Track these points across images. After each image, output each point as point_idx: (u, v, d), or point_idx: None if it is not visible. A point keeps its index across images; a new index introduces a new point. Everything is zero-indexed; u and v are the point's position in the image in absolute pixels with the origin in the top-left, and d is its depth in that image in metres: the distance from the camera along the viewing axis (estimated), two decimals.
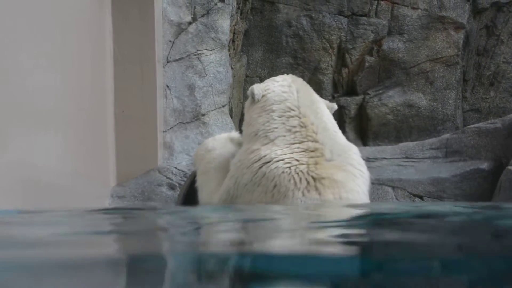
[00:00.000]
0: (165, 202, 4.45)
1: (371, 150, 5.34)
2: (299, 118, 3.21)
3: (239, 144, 3.56)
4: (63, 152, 3.80)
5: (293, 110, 3.25)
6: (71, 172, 3.88)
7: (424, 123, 6.43)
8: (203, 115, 5.05)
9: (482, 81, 6.65)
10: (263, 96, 3.33)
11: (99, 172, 4.46)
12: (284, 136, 3.17)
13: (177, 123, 4.98)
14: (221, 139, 3.75)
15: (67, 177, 3.81)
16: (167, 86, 5.00)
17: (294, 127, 3.19)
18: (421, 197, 4.87)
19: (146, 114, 4.73)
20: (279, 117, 3.23)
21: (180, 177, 4.53)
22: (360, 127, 6.62)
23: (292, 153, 3.10)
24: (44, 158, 3.54)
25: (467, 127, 5.43)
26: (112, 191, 4.54)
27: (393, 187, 4.93)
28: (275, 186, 3.03)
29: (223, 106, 5.18)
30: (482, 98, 6.67)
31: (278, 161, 3.08)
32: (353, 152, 3.28)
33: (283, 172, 3.03)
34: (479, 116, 6.55)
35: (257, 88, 3.35)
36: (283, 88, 3.35)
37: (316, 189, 3.00)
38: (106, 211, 3.08)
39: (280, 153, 3.10)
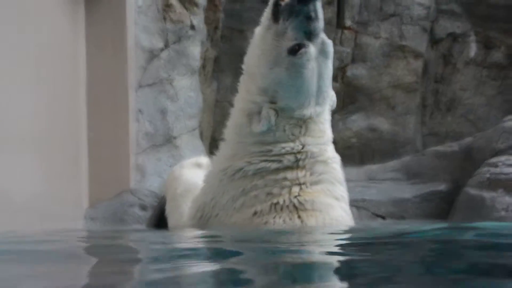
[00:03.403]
0: (137, 223, 4.52)
1: None
2: (295, 153, 3.11)
3: (208, 168, 3.61)
4: (36, 174, 3.86)
5: (293, 153, 3.12)
6: (44, 194, 3.93)
7: (386, 146, 6.66)
8: (175, 138, 5.15)
9: (440, 106, 6.96)
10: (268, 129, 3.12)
11: (72, 194, 4.52)
12: (270, 165, 3.08)
13: (150, 146, 5.06)
14: (187, 165, 3.78)
15: (40, 200, 3.86)
16: (140, 110, 5.09)
17: (284, 157, 3.11)
18: (383, 218, 5.07)
19: (118, 137, 4.79)
20: (275, 155, 3.11)
21: (152, 198, 4.62)
22: None
23: (274, 180, 3.03)
24: (17, 181, 3.59)
25: (426, 150, 5.68)
26: (85, 213, 4.60)
27: (357, 207, 5.11)
28: (255, 213, 3.00)
29: (194, 130, 5.30)
30: (440, 123, 6.96)
31: (258, 189, 3.03)
32: (333, 167, 3.27)
33: (265, 201, 3.00)
34: (437, 140, 6.81)
35: (267, 121, 3.12)
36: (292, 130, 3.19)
37: (299, 217, 2.98)
38: None
39: (262, 182, 3.03)
